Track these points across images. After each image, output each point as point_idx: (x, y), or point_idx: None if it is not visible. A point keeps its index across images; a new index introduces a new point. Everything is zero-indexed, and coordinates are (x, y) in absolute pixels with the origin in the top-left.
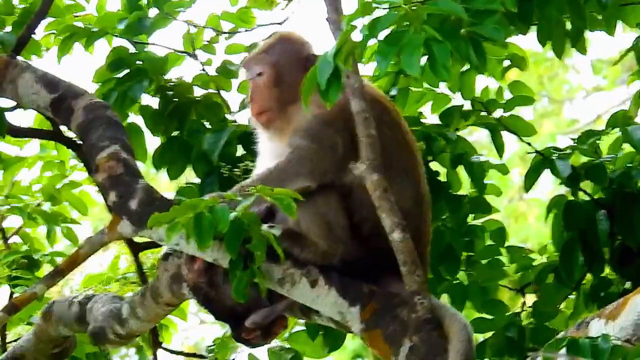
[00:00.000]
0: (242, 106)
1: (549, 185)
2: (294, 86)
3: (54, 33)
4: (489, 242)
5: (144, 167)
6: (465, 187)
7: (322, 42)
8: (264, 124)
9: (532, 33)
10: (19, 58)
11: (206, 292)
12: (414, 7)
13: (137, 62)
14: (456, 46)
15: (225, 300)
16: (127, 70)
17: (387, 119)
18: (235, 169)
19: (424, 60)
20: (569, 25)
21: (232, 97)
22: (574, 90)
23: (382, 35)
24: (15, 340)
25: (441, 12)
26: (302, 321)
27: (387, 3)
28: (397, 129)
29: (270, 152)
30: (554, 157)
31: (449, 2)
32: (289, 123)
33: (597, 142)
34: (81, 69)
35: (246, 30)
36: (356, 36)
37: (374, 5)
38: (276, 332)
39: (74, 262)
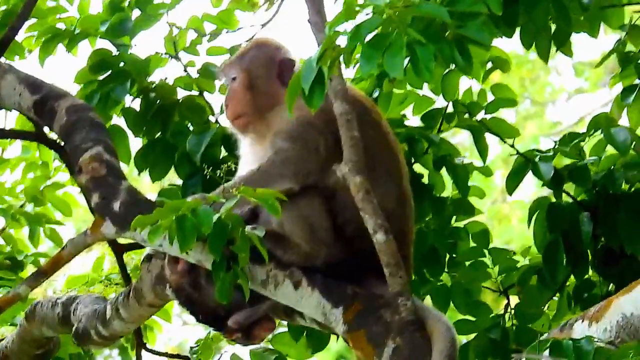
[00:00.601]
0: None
1: (531, 188)
2: (268, 90)
3: (36, 35)
4: (472, 244)
5: (127, 169)
6: (449, 189)
7: (305, 43)
8: (240, 128)
9: (515, 35)
10: (2, 59)
11: (188, 293)
12: (398, 11)
13: (120, 64)
14: (440, 48)
15: (207, 302)
16: (109, 72)
17: (369, 119)
18: (219, 170)
19: (407, 62)
20: (553, 28)
21: (215, 99)
22: (556, 92)
23: (366, 38)
24: None
25: (425, 15)
26: (286, 323)
27: (370, 7)
28: (379, 129)
29: (252, 155)
30: (537, 159)
31: (432, 5)
32: (269, 127)
33: (580, 144)
34: (64, 70)
35: (228, 32)
36: (340, 40)
37: (357, 8)
38: (259, 335)
39: (57, 263)
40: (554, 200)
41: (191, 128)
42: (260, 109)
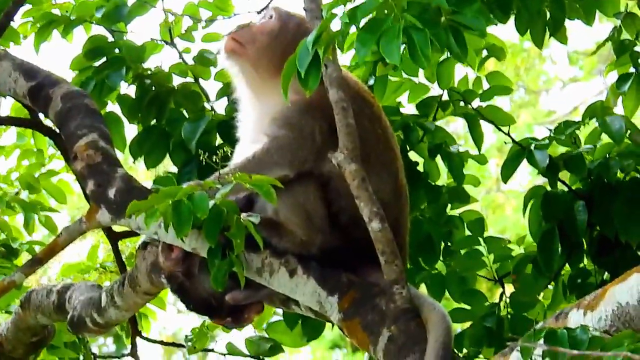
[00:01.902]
0: (220, 94)
1: (526, 177)
2: (282, 56)
3: (31, 21)
4: (467, 232)
5: (122, 156)
6: (444, 177)
7: None
8: (227, 49)
9: (509, 23)
10: None
11: (181, 281)
12: None
13: (115, 51)
14: (436, 34)
15: (200, 291)
16: (104, 59)
17: (367, 112)
18: (215, 155)
19: (403, 48)
20: (547, 15)
21: (211, 86)
22: (550, 81)
23: (361, 23)
24: None
25: (421, 0)
26: (280, 311)
27: None
28: (377, 122)
29: (250, 138)
30: (532, 148)
31: None
32: (267, 98)
33: (575, 132)
34: (59, 57)
35: (224, 18)
36: (335, 25)
37: None
38: (250, 317)
39: (52, 250)
40: (549, 189)
41: (187, 115)
42: (259, 59)
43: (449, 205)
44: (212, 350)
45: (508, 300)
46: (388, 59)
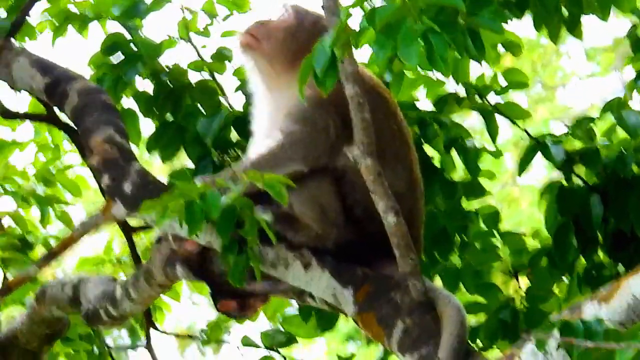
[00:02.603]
0: (237, 90)
1: (542, 172)
2: (297, 52)
3: (49, 19)
4: (482, 226)
5: (138, 151)
6: (459, 172)
7: None
8: (242, 44)
9: (526, 19)
10: (14, 41)
11: (197, 265)
12: None
13: (131, 47)
14: (453, 38)
15: (214, 275)
16: (121, 55)
17: (382, 107)
18: (227, 154)
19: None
20: (564, 11)
21: (226, 81)
22: (567, 76)
23: (379, 25)
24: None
25: (438, 2)
26: (295, 303)
27: None
28: (392, 117)
29: (264, 132)
30: (548, 142)
31: None
32: (282, 93)
33: (591, 127)
34: (75, 53)
35: (240, 15)
36: (353, 24)
37: None
38: (255, 305)
39: (67, 244)
40: (564, 183)
41: (202, 111)
42: (275, 54)
43: (465, 199)
44: (226, 342)
45: (523, 293)
46: (407, 62)
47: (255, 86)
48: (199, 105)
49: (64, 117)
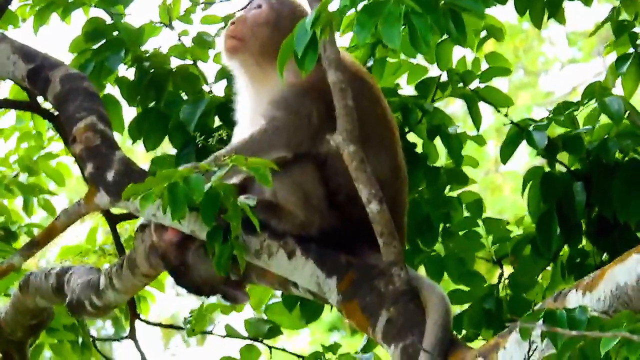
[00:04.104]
0: (219, 77)
1: (524, 158)
2: (280, 43)
3: (30, 3)
4: (465, 213)
5: (121, 139)
6: (442, 159)
7: None
8: (228, 48)
9: (508, 4)
10: None
11: (175, 265)
12: None
13: (113, 33)
14: (435, 19)
15: (193, 278)
16: (103, 41)
17: (366, 93)
18: (211, 138)
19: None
20: None
21: (209, 68)
22: (549, 62)
23: (360, 5)
24: None
25: None
26: (279, 293)
27: None
28: (377, 103)
29: (248, 119)
30: (531, 129)
31: None
32: (266, 81)
33: (574, 113)
34: (57, 40)
35: (222, 1)
36: (334, 7)
37: None
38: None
39: (51, 233)
40: (547, 169)
41: (185, 97)
42: (261, 52)
43: (448, 187)
44: (210, 332)
45: (507, 281)
46: (389, 43)
47: (240, 80)
48: (181, 92)
49: (47, 105)
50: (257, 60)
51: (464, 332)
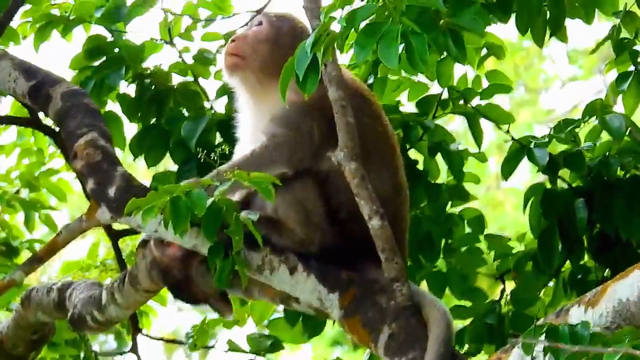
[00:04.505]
0: (220, 93)
1: (526, 175)
2: (280, 60)
3: (30, 21)
4: (467, 230)
5: (122, 155)
6: (443, 176)
7: None
8: (228, 65)
9: (509, 22)
10: None
11: (178, 280)
12: None
13: (115, 50)
14: (434, 38)
15: (196, 293)
16: (104, 58)
17: (367, 110)
18: (213, 153)
19: (401, 49)
20: (548, 14)
21: (210, 85)
22: (550, 79)
23: (360, 26)
24: None
25: (419, 4)
26: (281, 308)
27: None
28: (378, 120)
29: (249, 136)
30: (532, 146)
31: None
32: (267, 99)
33: (575, 130)
34: (58, 57)
35: (223, 18)
36: (335, 26)
37: None
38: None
39: (52, 249)
40: (549, 186)
41: (186, 114)
42: (261, 69)
43: (449, 203)
44: (212, 347)
45: (509, 297)
46: (386, 63)
47: (241, 97)
48: (182, 108)
49: (48, 121)
50: (258, 77)
51: (466, 347)
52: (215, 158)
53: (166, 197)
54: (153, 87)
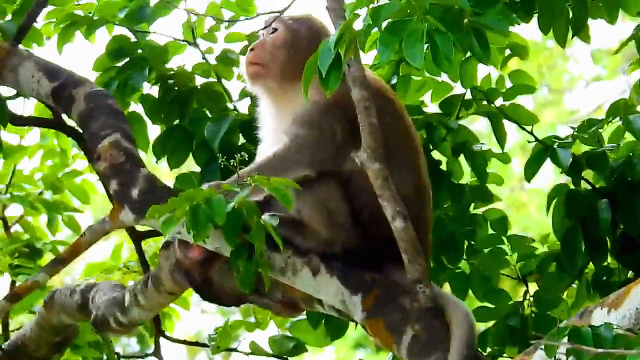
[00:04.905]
0: (243, 94)
1: (549, 176)
2: (300, 62)
3: (54, 22)
4: (490, 231)
5: (145, 156)
6: (467, 176)
7: None
8: (251, 75)
9: (532, 22)
10: (20, 47)
11: (199, 283)
12: None
13: (138, 51)
14: (459, 37)
15: (219, 295)
16: (127, 59)
17: (389, 110)
18: (232, 159)
19: (426, 49)
20: (570, 14)
21: (233, 86)
22: (574, 80)
23: (384, 24)
24: (17, 329)
25: (444, 2)
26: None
27: None
28: (400, 120)
29: (272, 137)
30: (555, 146)
31: None
32: (289, 101)
33: (599, 131)
34: (82, 57)
35: (247, 19)
36: (358, 26)
37: None
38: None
39: (75, 250)
40: (572, 187)
41: (209, 115)
42: (283, 74)
43: (472, 204)
44: (235, 349)
45: (532, 298)
46: (411, 62)
47: (263, 100)
48: (205, 109)
49: (71, 122)
50: (280, 82)
51: (488, 349)
52: (235, 164)
53: (186, 204)
54: (176, 88)
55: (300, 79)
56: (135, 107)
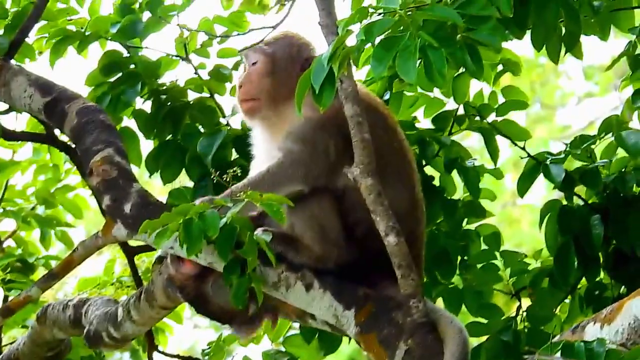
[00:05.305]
0: (235, 110)
1: (542, 192)
2: (287, 83)
3: (46, 37)
4: (483, 246)
5: (138, 171)
6: (460, 192)
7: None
8: (247, 112)
9: (524, 38)
10: (12, 62)
11: (193, 297)
12: (410, 13)
13: (130, 66)
14: (452, 52)
15: (212, 308)
16: (120, 74)
17: (382, 125)
18: (225, 174)
19: (419, 64)
20: (563, 30)
21: (226, 101)
22: (566, 96)
23: (377, 40)
24: (10, 344)
25: (437, 18)
26: (297, 324)
27: (382, 8)
28: (393, 135)
29: (265, 154)
30: (548, 162)
31: (444, 8)
32: (283, 122)
33: (591, 147)
34: (74, 73)
35: (239, 34)
36: (351, 41)
37: (370, 10)
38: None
39: (68, 265)
40: (565, 202)
41: (202, 130)
42: (274, 99)
43: (465, 220)
44: None
45: (525, 314)
46: (404, 77)
47: (259, 125)
48: (198, 124)
49: (64, 137)
50: (274, 108)
51: None
52: (227, 179)
53: (179, 218)
54: (169, 103)
55: (292, 97)
56: (128, 122)
